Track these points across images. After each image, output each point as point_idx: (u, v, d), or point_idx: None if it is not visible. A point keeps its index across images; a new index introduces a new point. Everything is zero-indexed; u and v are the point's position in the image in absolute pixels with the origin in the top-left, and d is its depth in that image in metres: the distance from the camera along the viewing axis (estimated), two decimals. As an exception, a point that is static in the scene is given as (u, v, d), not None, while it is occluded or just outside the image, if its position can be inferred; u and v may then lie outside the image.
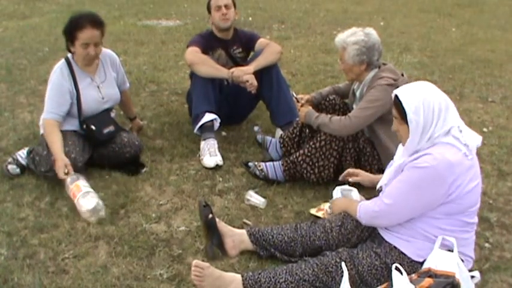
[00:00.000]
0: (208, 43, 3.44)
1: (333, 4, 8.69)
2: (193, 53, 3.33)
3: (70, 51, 2.90)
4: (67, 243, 2.39)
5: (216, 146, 3.21)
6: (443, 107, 1.95)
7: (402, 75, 2.79)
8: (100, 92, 2.98)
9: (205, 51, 3.37)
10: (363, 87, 2.84)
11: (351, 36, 2.74)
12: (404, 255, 2.02)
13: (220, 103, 3.37)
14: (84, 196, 2.57)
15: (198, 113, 3.28)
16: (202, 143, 3.23)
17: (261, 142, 3.30)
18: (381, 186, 2.20)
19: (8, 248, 2.34)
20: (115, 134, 3.01)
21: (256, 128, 3.51)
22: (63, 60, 2.91)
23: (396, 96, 2.01)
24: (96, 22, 2.81)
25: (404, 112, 1.96)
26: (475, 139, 2.00)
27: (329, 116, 2.84)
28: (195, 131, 3.31)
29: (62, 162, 2.67)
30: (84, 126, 2.93)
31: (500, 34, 7.00)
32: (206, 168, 3.11)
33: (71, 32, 2.80)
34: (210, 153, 3.15)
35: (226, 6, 3.39)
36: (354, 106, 2.96)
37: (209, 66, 3.28)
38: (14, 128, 3.56)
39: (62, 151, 2.73)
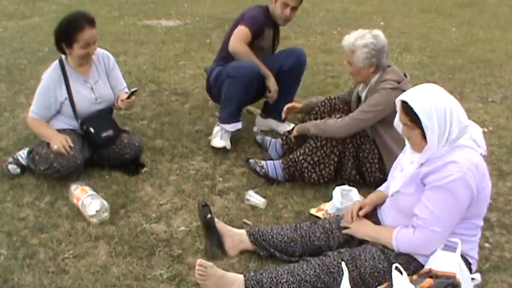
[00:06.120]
0: (264, 20, 3.34)
1: (333, 4, 8.69)
2: (242, 43, 3.22)
3: (64, 53, 2.89)
4: (67, 243, 2.39)
5: (229, 136, 3.28)
6: (454, 107, 1.91)
7: (405, 75, 2.78)
8: (93, 93, 2.97)
9: (257, 31, 3.27)
10: (368, 90, 2.82)
11: (360, 39, 2.70)
12: (414, 259, 2.00)
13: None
14: (89, 198, 2.57)
15: (227, 116, 3.27)
16: (217, 128, 3.29)
17: (261, 143, 3.31)
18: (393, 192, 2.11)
19: (8, 248, 2.34)
20: (114, 139, 2.99)
21: (255, 129, 3.52)
22: (56, 62, 2.91)
23: (405, 102, 1.93)
24: (92, 21, 2.81)
25: (416, 118, 1.90)
26: (479, 134, 2.00)
27: (322, 121, 2.85)
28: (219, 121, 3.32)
29: (60, 136, 2.78)
30: (84, 127, 2.93)
31: (500, 34, 6.99)
32: (214, 148, 3.20)
33: (69, 34, 2.77)
34: (221, 137, 3.21)
35: (293, 8, 3.29)
36: None
37: (253, 61, 3.23)
38: (14, 128, 3.56)
39: (57, 132, 2.84)
